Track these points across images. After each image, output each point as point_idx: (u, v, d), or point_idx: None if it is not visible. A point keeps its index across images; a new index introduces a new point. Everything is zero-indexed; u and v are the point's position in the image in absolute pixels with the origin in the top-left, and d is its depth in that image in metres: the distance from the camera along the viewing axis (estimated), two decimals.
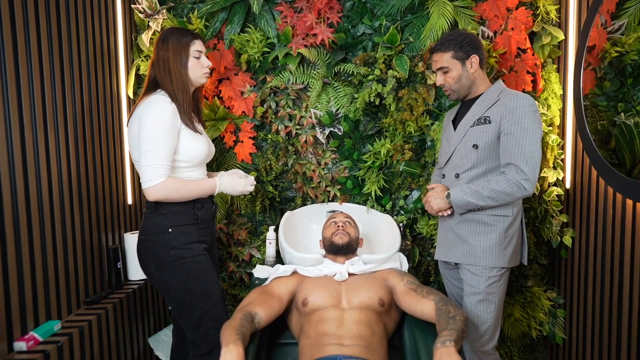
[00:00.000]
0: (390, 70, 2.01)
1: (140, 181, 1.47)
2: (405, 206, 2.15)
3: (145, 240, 1.51)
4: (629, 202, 1.50)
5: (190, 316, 1.52)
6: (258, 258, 2.21)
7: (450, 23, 1.96)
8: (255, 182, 1.72)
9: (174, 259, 1.49)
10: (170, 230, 1.50)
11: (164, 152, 1.44)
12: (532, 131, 1.46)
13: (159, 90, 1.53)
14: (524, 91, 1.98)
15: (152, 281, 1.55)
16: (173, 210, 1.51)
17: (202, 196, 1.57)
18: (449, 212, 1.61)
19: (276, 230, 2.08)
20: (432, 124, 2.07)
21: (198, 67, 1.58)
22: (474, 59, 1.59)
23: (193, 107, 1.62)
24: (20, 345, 1.35)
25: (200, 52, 1.58)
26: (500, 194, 1.48)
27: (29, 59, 1.45)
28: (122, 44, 2.04)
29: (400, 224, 2.07)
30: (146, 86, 1.58)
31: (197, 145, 1.55)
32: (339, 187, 2.19)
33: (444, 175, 1.70)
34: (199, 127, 1.62)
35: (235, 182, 1.65)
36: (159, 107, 1.45)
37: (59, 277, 1.58)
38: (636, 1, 1.47)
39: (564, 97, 2.01)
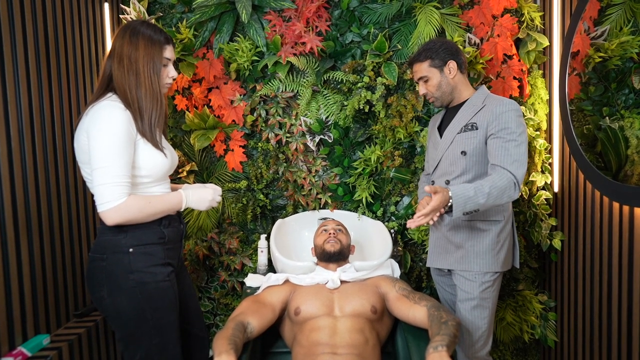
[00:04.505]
0: (379, 78, 2.03)
1: (96, 204, 1.23)
2: (396, 212, 2.16)
3: (99, 260, 1.29)
4: (616, 204, 1.52)
5: (137, 348, 1.32)
6: (250, 267, 2.20)
7: (437, 30, 1.99)
8: (221, 192, 1.51)
9: (132, 284, 1.28)
10: (131, 250, 1.29)
11: (121, 167, 1.22)
12: (517, 135, 1.48)
13: (109, 94, 1.30)
14: (510, 97, 2.01)
15: (101, 307, 1.32)
16: (135, 226, 1.30)
17: (168, 213, 1.37)
18: (436, 217, 1.61)
19: (268, 238, 2.07)
20: (421, 130, 2.08)
21: (162, 75, 1.36)
22: (452, 64, 1.60)
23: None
24: None
25: (169, 59, 1.37)
26: (499, 189, 1.42)
27: (16, 70, 1.44)
28: None
29: (392, 230, 2.08)
30: (100, 83, 1.33)
31: (158, 156, 1.33)
32: (330, 194, 2.19)
33: (433, 182, 1.71)
34: (163, 140, 1.41)
35: (203, 193, 1.44)
36: (111, 115, 1.23)
37: (48, 289, 1.56)
38: (617, 8, 1.50)
39: (550, 102, 2.04)
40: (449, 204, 1.40)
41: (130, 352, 1.34)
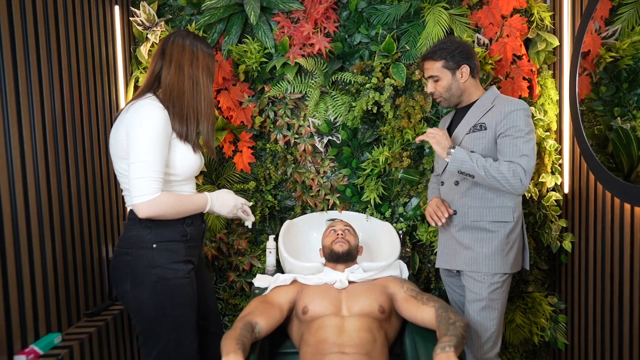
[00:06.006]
0: (388, 79, 2.02)
1: (131, 196, 1.29)
2: (404, 213, 2.15)
3: (124, 254, 1.36)
4: (627, 206, 1.50)
5: (156, 343, 1.37)
6: (258, 267, 2.21)
7: (446, 31, 1.98)
8: (248, 204, 1.57)
9: (154, 279, 1.33)
10: (154, 245, 1.34)
11: (157, 163, 1.29)
12: (525, 133, 1.48)
13: (148, 94, 1.38)
14: (520, 97, 2.00)
15: (123, 301, 1.38)
16: (160, 223, 1.35)
17: (194, 213, 1.43)
18: (444, 219, 1.61)
19: (276, 239, 2.08)
20: None
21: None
22: (465, 69, 1.60)
23: None
24: (20, 358, 1.35)
25: None
26: (498, 171, 1.45)
27: (28, 73, 1.46)
28: (121, 56, 2.06)
29: (400, 232, 2.07)
30: (147, 81, 1.42)
31: (190, 156, 1.40)
32: (338, 195, 2.19)
33: (442, 183, 1.71)
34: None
35: (226, 198, 1.51)
36: (152, 114, 1.30)
37: (59, 289, 1.58)
38: (629, 7, 1.48)
39: (560, 103, 2.02)
40: (449, 149, 1.51)
41: (148, 347, 1.39)
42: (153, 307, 1.34)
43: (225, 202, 1.50)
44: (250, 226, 1.61)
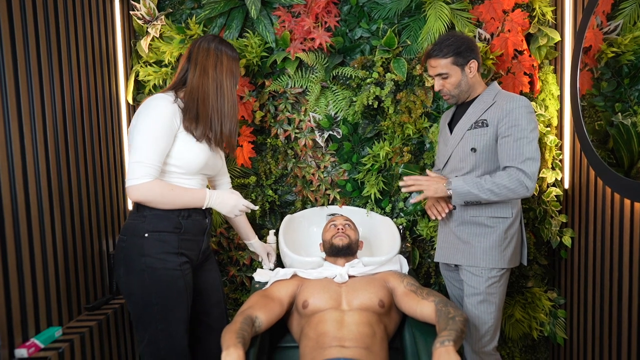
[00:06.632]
0: (388, 74, 2.02)
1: (125, 178, 1.36)
2: (405, 208, 2.15)
3: (121, 241, 1.41)
4: (627, 201, 1.50)
5: (145, 330, 1.41)
6: (259, 262, 2.21)
7: (447, 26, 1.97)
8: (252, 207, 1.55)
9: (142, 267, 1.36)
10: (146, 235, 1.37)
11: (155, 151, 1.34)
12: (528, 132, 1.47)
13: (169, 92, 1.45)
14: (521, 93, 1.99)
15: (119, 285, 1.44)
16: (154, 213, 1.39)
17: (189, 206, 1.43)
18: (444, 213, 1.61)
19: (276, 234, 2.08)
20: (430, 126, 2.07)
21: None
22: (473, 64, 1.58)
23: None
24: (21, 352, 1.35)
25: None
26: (502, 187, 1.45)
27: (28, 66, 1.46)
28: (121, 50, 2.05)
29: (400, 226, 2.07)
30: (174, 82, 1.50)
31: (192, 151, 1.42)
32: (338, 190, 2.19)
33: None
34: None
35: (227, 197, 1.50)
36: (158, 105, 1.37)
37: (60, 283, 1.58)
38: (631, 2, 1.48)
39: (561, 98, 2.01)
40: (449, 192, 1.52)
41: (140, 333, 1.44)
42: (140, 294, 1.39)
43: (225, 201, 1.49)
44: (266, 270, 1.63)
